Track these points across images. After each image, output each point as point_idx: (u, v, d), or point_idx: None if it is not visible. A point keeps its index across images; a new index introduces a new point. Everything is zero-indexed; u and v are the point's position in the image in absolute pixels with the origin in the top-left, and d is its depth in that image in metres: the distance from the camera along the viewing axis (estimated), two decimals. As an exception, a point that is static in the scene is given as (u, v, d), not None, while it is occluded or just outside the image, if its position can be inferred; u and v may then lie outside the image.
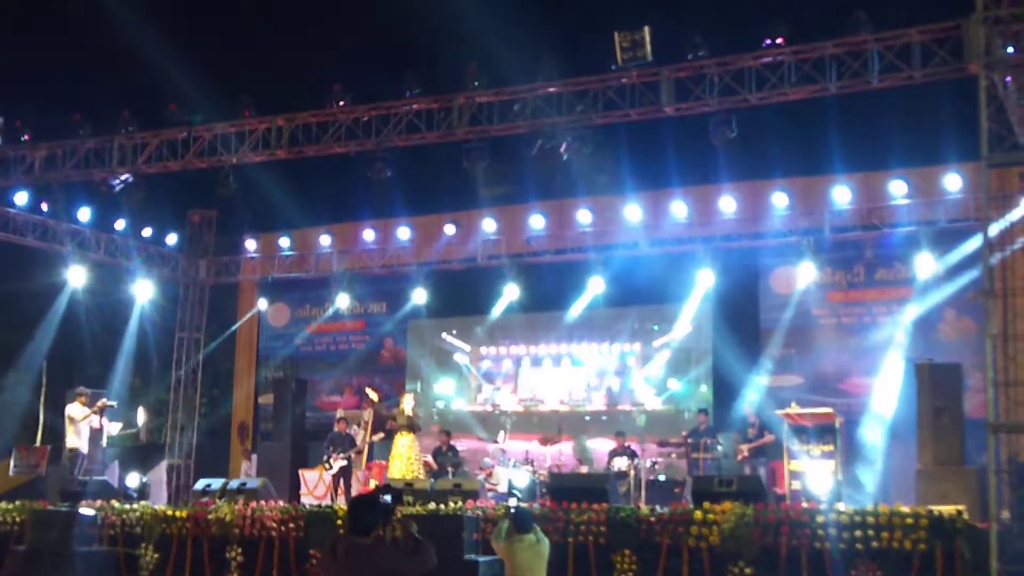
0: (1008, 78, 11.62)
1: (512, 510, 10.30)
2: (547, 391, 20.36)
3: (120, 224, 20.31)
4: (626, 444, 16.79)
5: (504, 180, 19.30)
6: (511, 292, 19.07)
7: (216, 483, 14.78)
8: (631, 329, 19.89)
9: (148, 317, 21.40)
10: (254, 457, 20.17)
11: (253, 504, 13.54)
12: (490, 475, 16.48)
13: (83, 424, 16.37)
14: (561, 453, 17.82)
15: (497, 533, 9.33)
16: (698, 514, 11.33)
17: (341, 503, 15.31)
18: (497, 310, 19.65)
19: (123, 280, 21.22)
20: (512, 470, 16.51)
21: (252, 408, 22.45)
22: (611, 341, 20.02)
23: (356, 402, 21.06)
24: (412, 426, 16.38)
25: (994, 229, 11.39)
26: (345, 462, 16.99)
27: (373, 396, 17.41)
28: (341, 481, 16.97)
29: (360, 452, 17.82)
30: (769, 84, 13.63)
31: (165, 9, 20.75)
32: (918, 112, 15.82)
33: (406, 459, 16.04)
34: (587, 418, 19.82)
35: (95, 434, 16.83)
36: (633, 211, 18.04)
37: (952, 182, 16.27)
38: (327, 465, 17.03)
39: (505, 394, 20.64)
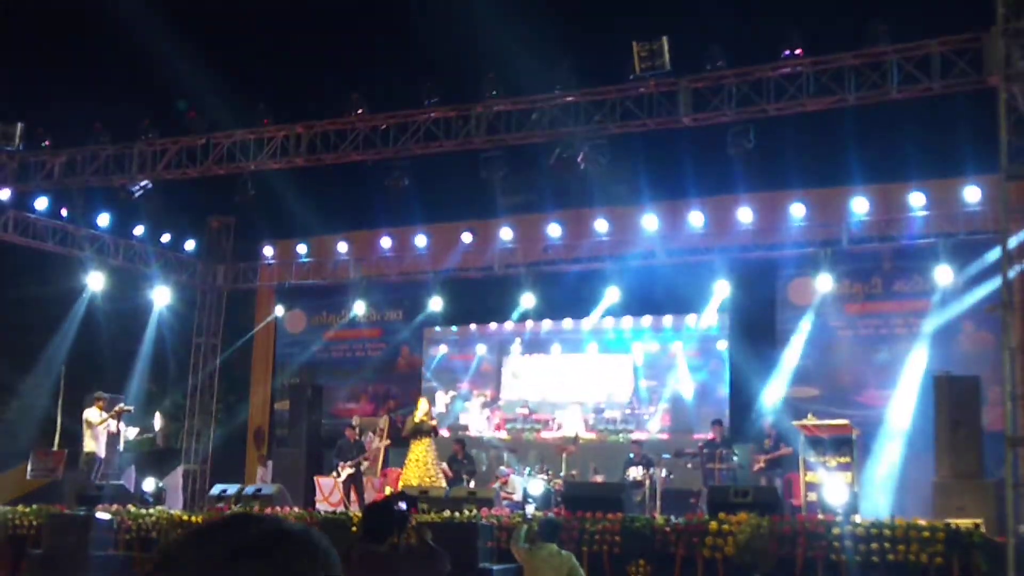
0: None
1: (529, 517, 10.33)
2: (554, 401, 19.55)
3: (139, 230, 20.40)
4: (642, 453, 16.74)
5: (521, 189, 19.30)
6: (527, 300, 19.06)
7: (232, 489, 14.84)
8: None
9: (165, 322, 21.48)
10: (269, 463, 20.21)
11: (268, 510, 13.56)
12: (505, 483, 16.46)
13: (100, 428, 16.45)
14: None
15: (516, 537, 9.36)
16: (713, 525, 11.30)
17: (354, 511, 15.33)
18: (513, 318, 19.64)
19: (141, 286, 21.32)
20: (527, 478, 16.49)
21: (268, 414, 22.50)
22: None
23: (372, 409, 21.08)
24: (420, 431, 16.31)
25: (1013, 241, 11.35)
26: (352, 469, 17.00)
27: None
28: (352, 489, 16.98)
29: (368, 458, 17.81)
30: (787, 95, 13.60)
31: (185, 17, 20.86)
32: (937, 124, 15.77)
33: (422, 464, 16.00)
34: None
35: (112, 439, 16.90)
36: (650, 221, 18.01)
37: (971, 194, 16.19)
38: (336, 473, 17.06)
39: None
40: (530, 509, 13.52)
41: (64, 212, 19.22)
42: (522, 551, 9.19)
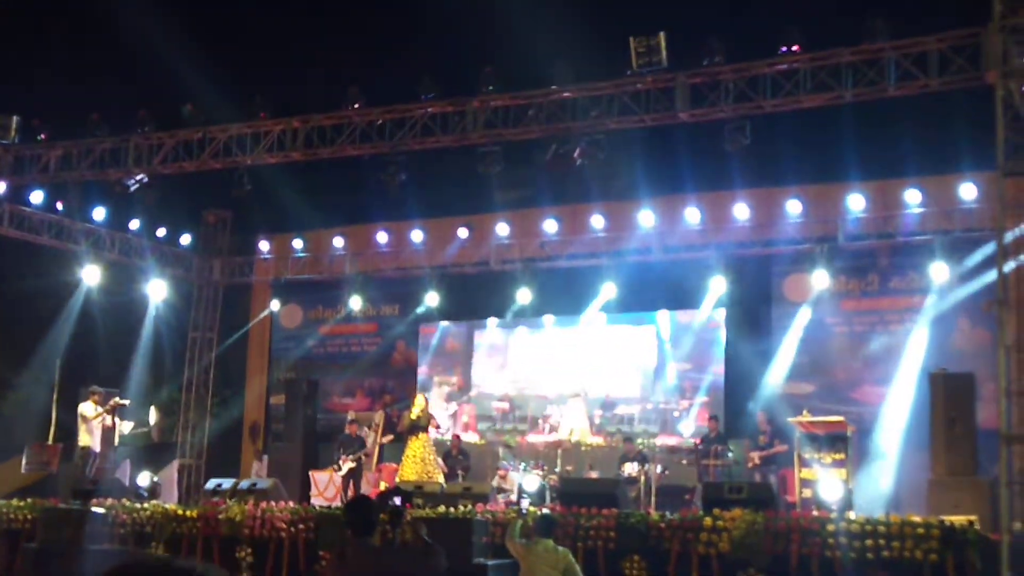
0: (1025, 87, 11.59)
1: (524, 512, 10.33)
2: (546, 393, 19.12)
3: (135, 224, 20.38)
4: (637, 449, 16.73)
5: (518, 184, 19.28)
6: (523, 296, 19.04)
7: (227, 483, 14.82)
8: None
9: (161, 317, 21.45)
10: (265, 458, 20.19)
11: (263, 505, 13.56)
12: (504, 477, 16.46)
13: (95, 423, 16.45)
14: None
15: (511, 532, 9.37)
16: (708, 521, 11.30)
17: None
18: (509, 313, 19.60)
19: (137, 280, 21.29)
20: (522, 474, 16.48)
21: (263, 409, 22.48)
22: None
23: (367, 404, 21.06)
24: (416, 428, 16.28)
25: (1009, 238, 11.35)
26: (354, 464, 17.00)
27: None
28: (351, 483, 16.98)
29: (369, 454, 17.82)
30: (784, 91, 13.59)
31: (182, 10, 20.80)
32: (934, 120, 15.77)
33: (419, 460, 15.98)
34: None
35: (107, 433, 16.89)
36: (646, 216, 18.02)
37: (967, 191, 16.22)
38: (336, 467, 17.04)
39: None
40: (525, 504, 13.52)
41: (60, 206, 19.20)
42: (518, 546, 9.20)
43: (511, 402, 19.10)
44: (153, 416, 18.97)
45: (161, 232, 21.09)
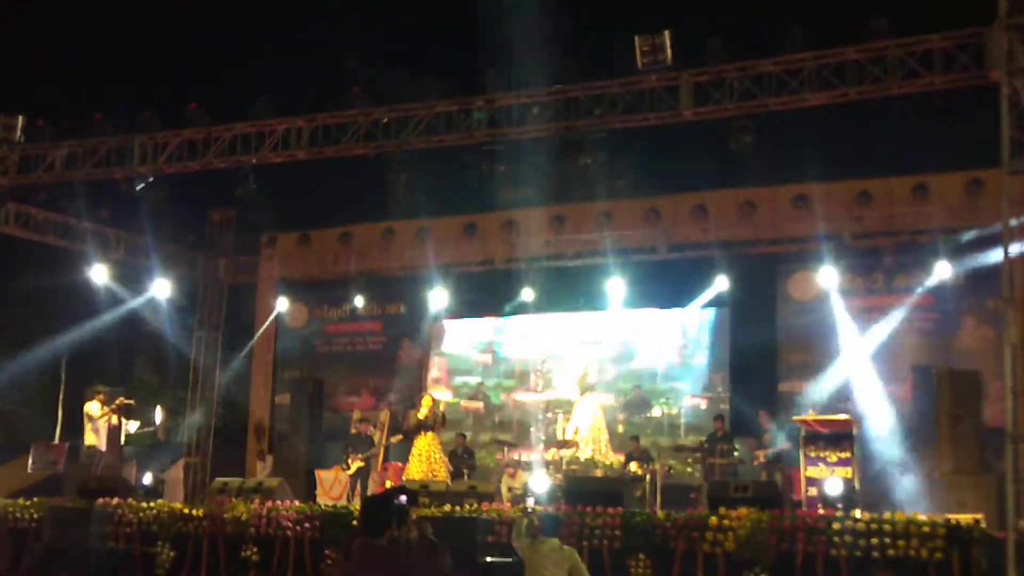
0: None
1: (529, 511, 10.33)
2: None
3: (140, 223, 20.40)
4: (642, 448, 16.73)
5: (522, 183, 19.28)
6: (528, 294, 19.05)
7: (233, 482, 14.82)
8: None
9: (166, 316, 21.47)
10: (269, 457, 20.20)
11: (269, 504, 13.55)
12: (513, 476, 16.45)
13: (101, 422, 16.44)
14: None
15: (517, 531, 9.37)
16: (713, 520, 11.28)
17: (358, 504, 15.30)
18: (512, 312, 19.61)
19: (142, 279, 21.30)
20: (529, 473, 16.49)
21: (269, 408, 22.50)
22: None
23: (372, 403, 21.06)
24: (423, 427, 16.25)
25: (1015, 231, 11.34)
26: (363, 463, 17.00)
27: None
28: (359, 482, 16.97)
29: (377, 454, 17.81)
30: (789, 89, 13.58)
31: (186, 9, 20.83)
32: (939, 118, 15.75)
33: (425, 458, 15.94)
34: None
35: (113, 432, 16.90)
36: (651, 215, 18.03)
37: (973, 189, 16.21)
38: (345, 466, 17.03)
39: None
40: (530, 503, 13.52)
41: (65, 205, 19.21)
42: (524, 545, 9.20)
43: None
44: (159, 415, 18.96)
45: (166, 231, 21.10)
